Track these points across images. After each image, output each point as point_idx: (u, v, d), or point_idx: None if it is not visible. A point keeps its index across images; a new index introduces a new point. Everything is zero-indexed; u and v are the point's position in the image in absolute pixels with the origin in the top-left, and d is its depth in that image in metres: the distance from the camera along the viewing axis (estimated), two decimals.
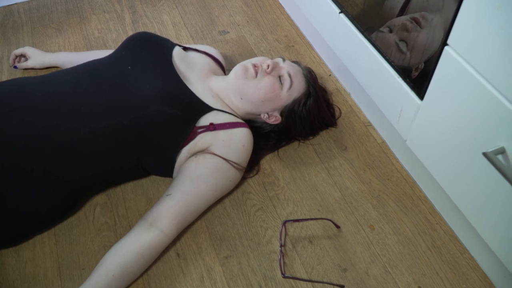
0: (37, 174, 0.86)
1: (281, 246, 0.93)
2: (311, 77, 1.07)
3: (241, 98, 1.02)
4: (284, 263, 0.93)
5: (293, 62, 1.09)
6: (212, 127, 0.95)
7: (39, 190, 0.87)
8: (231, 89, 1.03)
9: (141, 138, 0.92)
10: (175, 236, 0.92)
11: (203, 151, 0.96)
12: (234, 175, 0.97)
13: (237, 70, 1.03)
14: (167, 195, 0.92)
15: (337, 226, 0.97)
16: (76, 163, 0.89)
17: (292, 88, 1.02)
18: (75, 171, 0.89)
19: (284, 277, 0.90)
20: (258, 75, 1.00)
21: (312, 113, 1.07)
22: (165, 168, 0.98)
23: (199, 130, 0.95)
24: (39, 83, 0.93)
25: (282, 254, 0.93)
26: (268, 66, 1.00)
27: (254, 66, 1.01)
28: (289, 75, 1.02)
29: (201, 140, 0.95)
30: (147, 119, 0.91)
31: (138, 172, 1.01)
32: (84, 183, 0.93)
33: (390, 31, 0.91)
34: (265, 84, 1.00)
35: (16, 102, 0.88)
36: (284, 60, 1.06)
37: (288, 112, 1.04)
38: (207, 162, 0.94)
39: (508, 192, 0.70)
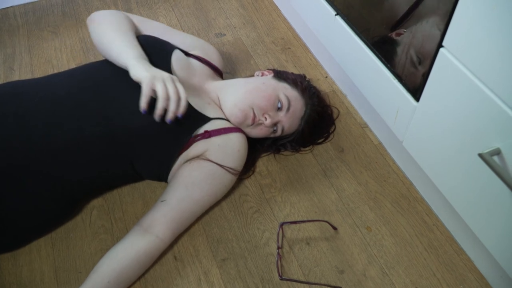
0: (34, 177, 0.85)
1: (278, 248, 0.93)
2: (310, 114, 1.05)
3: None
4: (281, 265, 0.92)
5: (305, 88, 1.05)
6: (207, 134, 0.95)
7: (36, 193, 0.86)
8: (228, 109, 1.01)
9: (138, 147, 0.91)
10: (171, 241, 0.91)
11: (198, 157, 0.95)
12: (229, 180, 0.97)
13: (236, 114, 0.98)
14: (162, 201, 0.91)
15: (334, 228, 0.97)
16: (72, 168, 0.88)
17: (282, 134, 1.05)
18: (71, 176, 0.89)
19: (282, 279, 0.90)
20: (254, 124, 1.00)
21: (298, 143, 1.09)
22: (160, 175, 0.98)
23: (196, 139, 0.95)
24: (35, 86, 0.92)
25: (280, 256, 0.93)
26: (267, 124, 0.99)
27: (254, 118, 0.98)
28: (283, 130, 1.03)
29: (196, 147, 0.95)
30: (143, 128, 0.90)
31: (134, 178, 1.02)
32: (80, 188, 0.92)
33: (420, 62, 0.86)
34: (256, 133, 1.02)
35: (12, 106, 0.87)
36: (288, 107, 0.99)
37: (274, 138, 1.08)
38: (202, 168, 0.94)
39: (503, 192, 0.70)
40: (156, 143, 0.92)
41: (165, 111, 0.85)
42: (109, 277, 0.82)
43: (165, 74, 0.86)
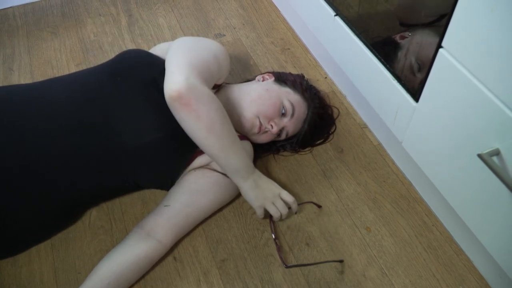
0: (32, 183, 0.83)
1: (275, 239, 0.93)
2: (312, 116, 1.05)
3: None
4: (283, 255, 0.92)
5: (306, 90, 1.05)
6: None
7: (35, 199, 0.84)
8: (234, 119, 0.99)
9: (141, 165, 0.91)
10: (171, 246, 0.92)
11: (203, 166, 0.96)
12: (234, 189, 0.97)
13: (243, 124, 0.98)
14: (165, 206, 0.91)
15: (319, 206, 0.98)
16: (73, 178, 0.87)
17: (286, 137, 1.06)
18: (70, 185, 0.87)
19: (287, 267, 0.89)
20: (261, 132, 1.00)
21: (299, 144, 1.10)
22: (162, 187, 0.98)
23: (200, 153, 0.95)
24: (34, 92, 0.90)
25: (278, 246, 0.93)
26: (274, 132, 1.00)
27: (260, 127, 0.98)
28: (287, 134, 1.04)
29: (200, 159, 0.96)
30: (147, 146, 0.89)
31: (135, 190, 1.02)
32: (80, 197, 0.91)
33: (419, 69, 0.86)
34: (262, 139, 1.03)
35: (7, 113, 0.84)
36: (293, 113, 1.00)
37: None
38: (207, 177, 0.94)
39: (502, 193, 0.70)
40: (162, 159, 0.92)
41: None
42: (108, 279, 0.82)
43: (271, 195, 0.92)
